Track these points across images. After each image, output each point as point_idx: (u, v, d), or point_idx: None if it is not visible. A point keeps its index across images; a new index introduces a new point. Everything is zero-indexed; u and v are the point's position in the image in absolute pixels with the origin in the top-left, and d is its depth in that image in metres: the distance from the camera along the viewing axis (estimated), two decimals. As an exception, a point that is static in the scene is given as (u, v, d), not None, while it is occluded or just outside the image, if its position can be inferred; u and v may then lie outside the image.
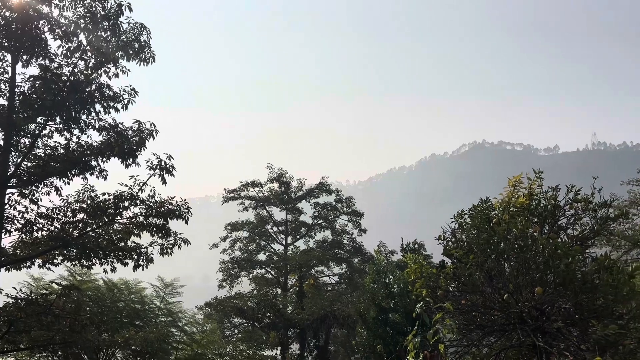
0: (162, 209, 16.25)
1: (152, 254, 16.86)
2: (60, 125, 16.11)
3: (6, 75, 15.62)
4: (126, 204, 16.07)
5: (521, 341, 7.16)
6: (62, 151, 16.22)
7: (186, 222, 16.35)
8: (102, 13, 15.22)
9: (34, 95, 15.32)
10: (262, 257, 44.43)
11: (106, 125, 16.13)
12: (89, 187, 16.33)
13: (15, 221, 15.99)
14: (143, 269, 16.88)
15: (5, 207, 15.66)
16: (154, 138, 16.28)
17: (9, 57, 15.56)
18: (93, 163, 16.22)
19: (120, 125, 16.11)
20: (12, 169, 15.69)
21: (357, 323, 21.57)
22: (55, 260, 16.42)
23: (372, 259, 33.82)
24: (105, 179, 16.59)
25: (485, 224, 7.83)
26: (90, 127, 16.15)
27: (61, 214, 16.27)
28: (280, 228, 45.07)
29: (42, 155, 16.21)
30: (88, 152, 16.13)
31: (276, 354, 32.72)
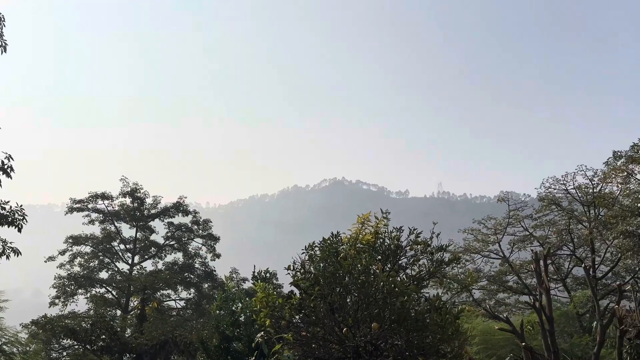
0: (-8, 213, 14.67)
1: (-27, 263, 15.11)
2: None
3: None
4: (-53, 203, 14.29)
5: (355, 375, 7.37)
6: None
7: (19, 230, 14.93)
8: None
9: None
10: (104, 275, 41.93)
11: None
12: None
13: None
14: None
15: None
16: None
17: None
18: None
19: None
20: None
21: (198, 351, 20.89)
22: None
23: (223, 285, 33.21)
24: None
25: (333, 258, 8.05)
26: None
27: None
28: (128, 246, 42.84)
29: None
30: None
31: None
